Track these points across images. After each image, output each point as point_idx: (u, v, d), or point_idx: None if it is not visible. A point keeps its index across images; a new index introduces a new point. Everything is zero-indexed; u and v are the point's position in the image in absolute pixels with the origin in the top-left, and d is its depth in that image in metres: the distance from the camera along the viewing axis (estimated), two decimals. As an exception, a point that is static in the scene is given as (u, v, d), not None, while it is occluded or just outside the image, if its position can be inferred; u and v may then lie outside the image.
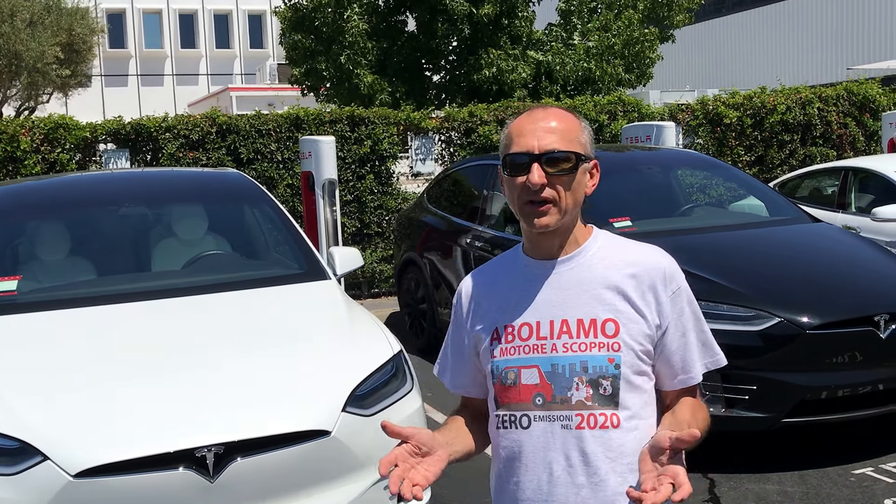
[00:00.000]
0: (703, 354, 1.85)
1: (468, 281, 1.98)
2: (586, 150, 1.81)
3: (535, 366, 1.78)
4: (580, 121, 1.84)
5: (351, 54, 15.99)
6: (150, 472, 3.06)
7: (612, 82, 17.32)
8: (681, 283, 1.83)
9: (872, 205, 7.84)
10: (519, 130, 1.81)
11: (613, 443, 1.74)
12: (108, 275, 4.70)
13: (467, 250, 6.86)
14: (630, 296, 1.78)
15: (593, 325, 1.76)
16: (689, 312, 1.83)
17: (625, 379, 1.75)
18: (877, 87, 12.43)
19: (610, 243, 1.86)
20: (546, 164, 1.75)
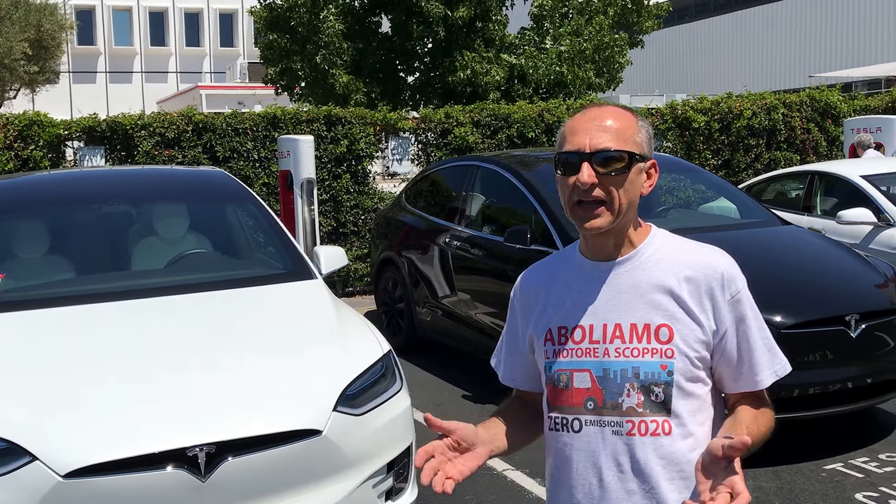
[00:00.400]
0: (771, 361, 1.78)
1: (525, 276, 1.95)
2: (642, 149, 1.75)
3: (587, 370, 1.75)
4: (637, 119, 1.78)
5: (326, 54, 16.01)
6: (141, 472, 3.03)
7: (584, 86, 17.52)
8: (741, 286, 1.76)
9: (837, 208, 8.03)
10: (572, 129, 1.76)
11: (665, 450, 1.71)
12: (92, 273, 4.67)
13: (445, 249, 6.93)
14: (685, 300, 1.73)
15: (647, 331, 1.72)
16: (751, 317, 1.77)
17: (677, 386, 1.70)
18: (837, 94, 12.73)
19: (667, 244, 1.80)
20: (597, 164, 1.71)
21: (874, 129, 10.75)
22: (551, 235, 5.79)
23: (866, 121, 11.11)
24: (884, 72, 22.20)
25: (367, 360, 3.80)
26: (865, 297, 5.23)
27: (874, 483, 4.49)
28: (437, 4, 15.91)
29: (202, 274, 4.60)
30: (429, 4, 15.88)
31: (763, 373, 1.77)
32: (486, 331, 6.35)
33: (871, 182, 7.89)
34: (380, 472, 3.56)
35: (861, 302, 5.10)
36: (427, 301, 7.18)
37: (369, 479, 3.50)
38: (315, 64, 16.06)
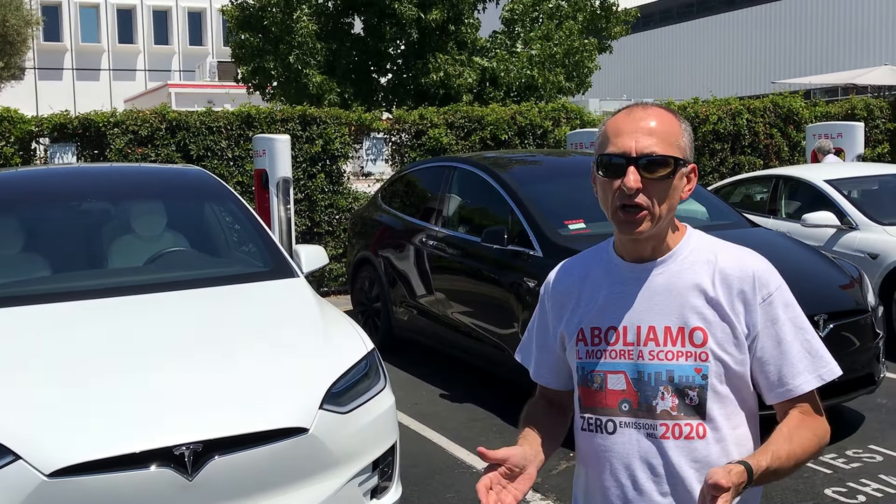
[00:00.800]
0: (813, 364, 1.71)
1: (558, 273, 1.92)
2: (685, 154, 1.72)
3: (622, 371, 1.74)
4: (681, 122, 1.74)
5: (300, 54, 16.00)
6: (127, 471, 3.00)
7: (554, 90, 17.67)
8: (773, 289, 1.71)
9: (800, 211, 8.21)
10: (616, 129, 1.72)
11: (699, 453, 1.70)
12: (70, 271, 4.65)
13: (422, 249, 7.00)
14: (719, 303, 1.71)
15: (681, 334, 1.71)
16: (785, 319, 1.71)
17: (712, 389, 1.69)
18: (800, 100, 12.99)
19: (702, 246, 1.78)
20: (643, 169, 1.67)
21: (835, 135, 10.99)
22: (528, 236, 5.88)
23: (827, 127, 11.34)
24: (841, 79, 22.65)
25: (352, 358, 3.81)
26: (833, 297, 5.37)
27: (842, 479, 4.63)
28: (410, 7, 15.98)
29: (183, 272, 4.59)
30: (402, 6, 15.93)
31: (800, 377, 1.71)
32: (463, 329, 6.43)
33: (835, 186, 8.07)
34: (365, 470, 3.58)
35: (829, 302, 5.24)
36: (404, 300, 7.23)
37: (355, 477, 3.51)
38: (288, 64, 16.05)
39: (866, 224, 7.54)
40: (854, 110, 13.31)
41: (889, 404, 5.84)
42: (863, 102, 13.62)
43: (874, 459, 4.88)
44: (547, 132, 11.59)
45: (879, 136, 13.50)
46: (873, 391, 5.40)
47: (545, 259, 5.58)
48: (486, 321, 6.13)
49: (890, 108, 13.72)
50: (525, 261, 5.76)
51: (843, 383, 5.14)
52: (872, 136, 13.26)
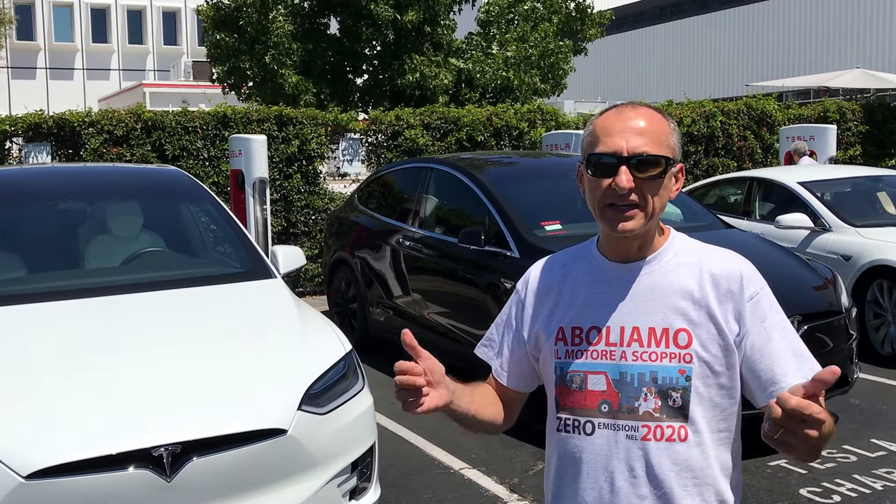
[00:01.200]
0: (799, 365, 1.68)
1: (537, 270, 1.89)
2: (675, 153, 1.72)
3: (602, 372, 1.72)
4: (670, 122, 1.74)
5: (276, 54, 15.95)
6: (105, 473, 2.99)
7: (529, 91, 17.74)
8: (759, 288, 1.72)
9: (774, 213, 8.29)
10: (605, 129, 1.71)
11: (679, 456, 1.68)
12: (46, 271, 4.60)
13: (399, 250, 7.00)
14: (706, 304, 1.69)
15: (665, 335, 1.69)
16: (772, 318, 1.71)
17: (695, 391, 1.67)
18: (773, 103, 13.13)
19: (686, 248, 1.77)
20: (634, 168, 1.66)
21: (808, 138, 11.10)
22: (504, 237, 5.89)
23: (800, 129, 11.47)
24: (814, 82, 22.91)
25: (330, 359, 3.80)
26: (807, 298, 5.43)
27: (817, 479, 4.67)
28: (386, 8, 15.97)
29: (160, 272, 4.57)
30: (378, 7, 15.93)
31: (790, 377, 1.66)
32: (439, 330, 6.43)
33: (808, 188, 8.16)
34: (344, 471, 3.58)
35: (803, 304, 5.30)
36: (380, 301, 7.23)
37: (334, 478, 3.51)
38: (264, 64, 15.99)
39: (839, 226, 7.63)
40: (827, 113, 13.47)
41: (862, 405, 5.91)
42: (835, 105, 13.79)
43: (848, 459, 4.94)
44: (523, 133, 11.63)
45: (851, 139, 13.67)
46: (847, 392, 5.46)
47: (522, 260, 5.60)
48: (462, 322, 6.14)
49: (862, 110, 13.90)
50: (502, 261, 5.77)
51: (817, 383, 5.20)
52: (844, 139, 13.43)
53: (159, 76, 39.97)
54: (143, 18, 42.78)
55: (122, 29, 42.09)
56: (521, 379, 1.90)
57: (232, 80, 17.29)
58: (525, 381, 1.90)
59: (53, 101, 35.14)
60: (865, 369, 6.38)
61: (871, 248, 7.21)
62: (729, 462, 1.74)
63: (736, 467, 1.77)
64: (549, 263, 1.89)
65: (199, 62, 32.76)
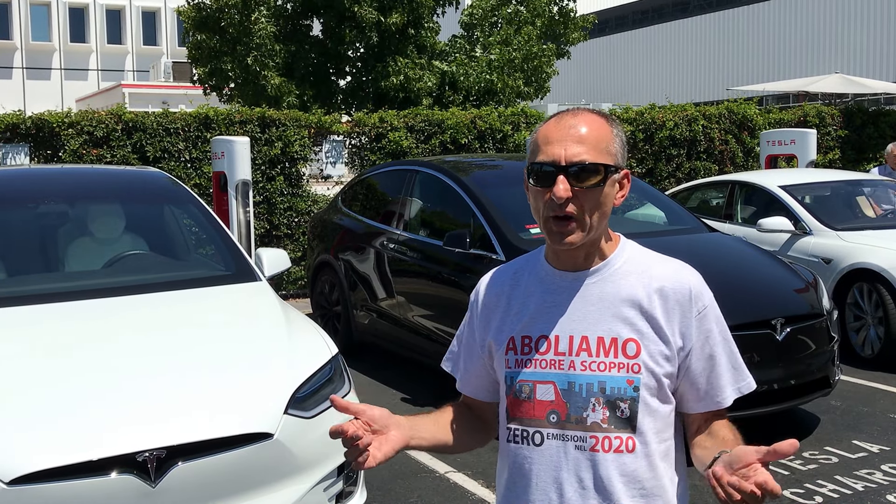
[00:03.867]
0: (735, 378, 1.74)
1: (487, 281, 1.87)
2: (616, 160, 1.68)
3: (551, 382, 1.70)
4: (612, 127, 1.70)
5: (258, 56, 15.88)
6: (89, 478, 2.96)
7: (513, 94, 17.77)
8: (707, 302, 1.72)
9: (756, 216, 8.35)
10: (546, 137, 1.68)
11: (628, 467, 1.67)
12: (27, 274, 4.55)
13: (383, 253, 6.98)
14: (654, 315, 1.68)
15: (614, 345, 1.67)
16: (716, 333, 1.72)
17: (643, 402, 1.67)
18: (754, 107, 13.22)
19: (636, 257, 1.75)
20: (572, 178, 1.63)
21: (788, 142, 11.18)
22: (490, 240, 5.90)
23: (781, 133, 11.55)
24: (794, 87, 23.11)
25: (316, 362, 3.78)
26: (790, 301, 5.47)
27: (800, 480, 4.70)
28: (370, 10, 15.95)
29: (143, 275, 4.53)
30: (361, 9, 15.89)
31: (726, 390, 1.73)
32: (424, 333, 6.42)
33: (789, 192, 8.22)
34: (330, 475, 3.55)
35: (786, 306, 5.34)
36: (364, 304, 7.21)
37: (320, 482, 3.49)
38: (246, 65, 15.92)
39: (820, 229, 7.69)
40: (806, 117, 13.58)
41: (843, 406, 5.96)
42: (815, 110, 13.91)
43: (830, 461, 4.97)
44: (506, 136, 11.65)
45: (831, 143, 13.78)
46: (828, 394, 5.51)
47: (507, 263, 5.60)
48: (446, 324, 6.13)
49: (841, 115, 14.02)
50: (487, 264, 5.77)
51: (800, 386, 5.24)
52: (824, 143, 13.54)
53: (139, 77, 39.70)
54: (122, 18, 42.48)
55: (101, 28, 41.77)
56: (484, 389, 1.88)
57: (213, 81, 17.20)
58: (489, 391, 1.88)
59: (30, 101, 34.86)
60: (846, 371, 6.43)
61: (851, 252, 7.27)
62: (674, 473, 1.74)
63: (682, 478, 1.76)
64: (498, 273, 1.87)
65: (179, 63, 32.59)
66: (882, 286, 6.91)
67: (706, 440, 1.72)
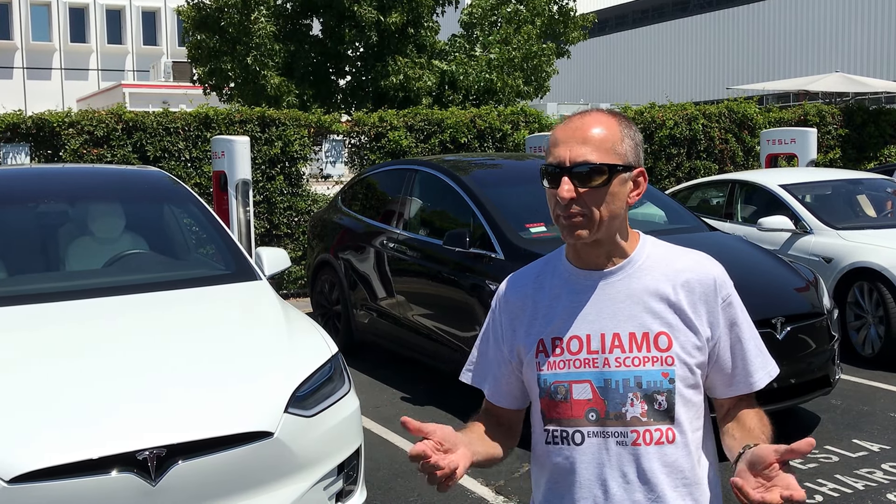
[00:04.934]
0: (764, 362, 1.79)
1: (509, 286, 1.88)
2: (626, 159, 1.70)
3: (587, 380, 1.72)
4: (622, 127, 1.72)
5: (258, 55, 15.89)
6: (90, 476, 2.96)
7: (512, 94, 17.77)
8: (731, 290, 1.76)
9: (756, 215, 8.34)
10: (555, 139, 1.72)
11: (669, 458, 1.71)
12: (28, 273, 4.56)
13: (383, 252, 6.98)
14: (681, 307, 1.72)
15: (646, 339, 1.71)
16: (742, 320, 1.77)
17: (679, 393, 1.71)
18: (754, 106, 13.22)
19: (658, 252, 1.79)
20: (575, 178, 1.67)
21: (788, 141, 11.18)
22: (489, 239, 5.90)
23: (781, 132, 11.55)
24: (794, 86, 23.11)
25: (316, 361, 3.79)
26: (790, 300, 5.47)
27: (799, 479, 4.63)
28: (370, 9, 15.95)
29: (144, 274, 4.53)
30: (361, 9, 15.90)
31: (757, 374, 1.78)
32: (423, 332, 6.42)
33: (790, 191, 8.22)
34: (330, 473, 3.56)
35: (786, 305, 5.33)
36: (364, 303, 7.21)
37: (320, 481, 3.50)
38: (246, 65, 15.93)
39: (820, 228, 7.69)
40: (807, 116, 13.58)
41: (844, 405, 5.96)
42: (815, 109, 13.91)
43: (830, 460, 4.97)
44: (506, 135, 11.65)
45: (831, 142, 13.79)
46: (829, 393, 5.50)
47: (507, 262, 5.60)
48: (446, 324, 6.13)
49: (841, 114, 14.02)
50: (486, 264, 5.77)
51: (800, 385, 5.23)
52: (824, 142, 13.54)
53: (139, 77, 39.69)
54: (122, 18, 42.48)
55: (101, 29, 41.78)
56: (514, 397, 1.90)
57: (213, 81, 17.21)
58: (517, 398, 1.90)
59: (31, 101, 34.86)
60: (847, 370, 6.43)
61: (851, 251, 7.27)
62: (706, 459, 1.78)
63: (712, 464, 1.80)
64: (518, 278, 1.89)
65: (179, 62, 32.57)
66: (882, 285, 6.91)
67: (735, 429, 1.76)
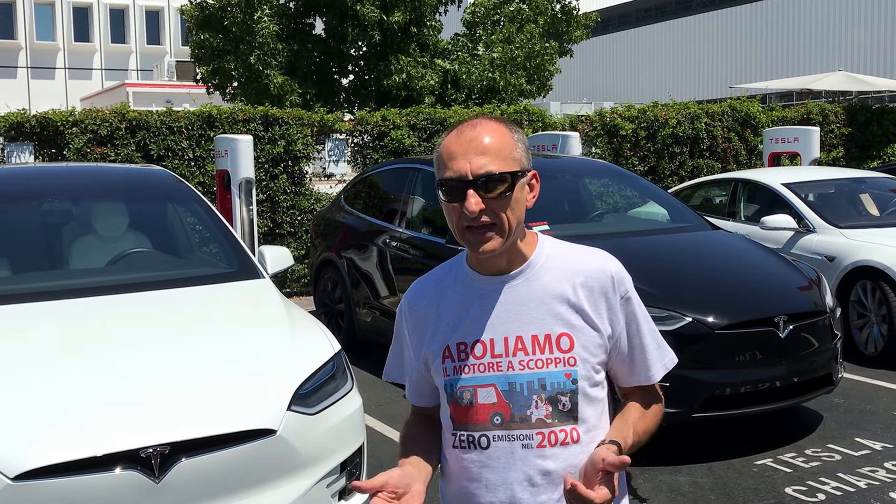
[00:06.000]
0: (661, 355, 1.84)
1: (412, 295, 1.88)
2: (522, 164, 1.70)
3: (491, 384, 1.72)
4: (512, 132, 1.72)
5: (261, 55, 15.91)
6: (93, 474, 2.97)
7: (515, 93, 17.78)
8: (629, 286, 1.79)
9: (759, 214, 8.33)
10: (449, 152, 1.70)
11: (575, 458, 1.71)
12: (32, 272, 4.57)
13: (386, 250, 6.99)
14: (582, 307, 1.74)
15: (548, 341, 1.72)
16: (640, 315, 1.80)
17: (582, 393, 1.72)
18: (757, 105, 13.20)
19: (556, 252, 1.79)
20: (481, 189, 1.65)
21: (791, 140, 11.17)
22: (493, 238, 5.89)
23: (784, 131, 11.54)
24: (797, 85, 23.08)
25: (319, 359, 3.79)
26: (793, 299, 5.46)
27: (802, 477, 4.70)
28: (372, 8, 15.97)
29: (147, 273, 4.54)
30: (364, 8, 15.92)
31: (654, 367, 1.83)
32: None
33: (792, 190, 8.21)
34: (333, 471, 3.56)
35: (789, 304, 5.32)
36: (367, 301, 7.22)
37: (323, 478, 3.50)
38: (249, 64, 15.95)
39: (823, 227, 7.68)
40: (810, 115, 13.56)
41: (846, 404, 5.96)
42: (818, 107, 13.88)
43: (833, 458, 4.97)
44: (509, 134, 11.64)
45: (834, 141, 13.77)
46: (831, 391, 5.50)
47: (510, 261, 5.60)
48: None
49: (844, 113, 14.00)
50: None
51: (803, 384, 5.23)
52: (827, 141, 13.53)
53: (142, 76, 39.73)
54: (125, 17, 42.52)
55: (105, 28, 41.83)
56: (430, 396, 1.90)
57: (216, 80, 17.24)
58: (434, 397, 1.89)
59: (35, 100, 34.88)
60: (849, 369, 6.43)
61: (854, 249, 7.27)
62: None
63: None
64: (422, 285, 1.89)
65: (182, 62, 32.59)
66: (886, 284, 6.90)
67: (618, 420, 1.80)
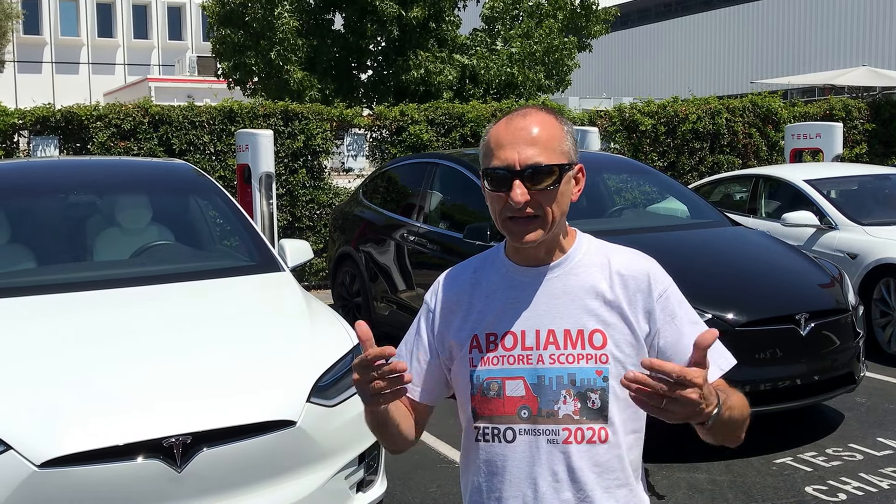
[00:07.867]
0: (713, 357, 1.66)
1: (446, 281, 1.85)
2: (570, 157, 1.69)
3: (520, 377, 1.70)
4: (563, 125, 1.71)
5: (281, 50, 15.98)
6: (117, 462, 3.01)
7: (534, 87, 17.75)
8: (667, 285, 1.75)
9: (780, 211, 8.27)
10: (498, 141, 1.68)
11: (601, 458, 1.69)
12: (57, 263, 4.62)
13: (403, 245, 7.01)
14: (617, 305, 1.71)
15: (581, 336, 1.69)
16: (682, 315, 1.74)
17: (613, 392, 1.67)
18: (779, 100, 13.09)
19: (595, 249, 1.77)
20: (528, 180, 1.64)
21: (814, 136, 11.08)
22: (512, 233, 5.88)
23: (806, 127, 11.44)
24: (819, 80, 22.88)
25: (338, 351, 3.81)
26: (814, 296, 5.42)
27: (822, 477, 4.67)
28: (392, 4, 15.99)
29: (169, 265, 4.58)
30: (383, 4, 15.95)
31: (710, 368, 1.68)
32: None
33: (814, 186, 8.15)
34: (351, 463, 3.59)
35: (810, 301, 5.29)
36: (385, 295, 7.24)
37: (342, 470, 3.52)
38: (269, 60, 16.03)
39: (846, 224, 7.62)
40: (832, 111, 13.44)
41: (868, 403, 5.91)
42: (841, 103, 13.76)
43: (854, 458, 4.94)
44: (528, 130, 11.62)
45: (857, 137, 13.64)
46: (853, 390, 5.46)
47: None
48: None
49: (868, 108, 13.87)
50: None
51: (824, 382, 5.19)
52: (850, 137, 13.41)
53: (164, 71, 39.95)
54: (148, 13, 42.82)
55: (128, 24, 42.16)
56: (432, 392, 1.86)
57: (237, 75, 17.32)
58: (435, 394, 1.87)
59: (59, 95, 35.14)
60: (872, 368, 6.38)
61: (877, 247, 7.20)
62: (638, 464, 1.76)
63: (639, 470, 1.78)
64: (456, 273, 1.86)
65: (203, 57, 32.77)
66: (908, 281, 6.84)
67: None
